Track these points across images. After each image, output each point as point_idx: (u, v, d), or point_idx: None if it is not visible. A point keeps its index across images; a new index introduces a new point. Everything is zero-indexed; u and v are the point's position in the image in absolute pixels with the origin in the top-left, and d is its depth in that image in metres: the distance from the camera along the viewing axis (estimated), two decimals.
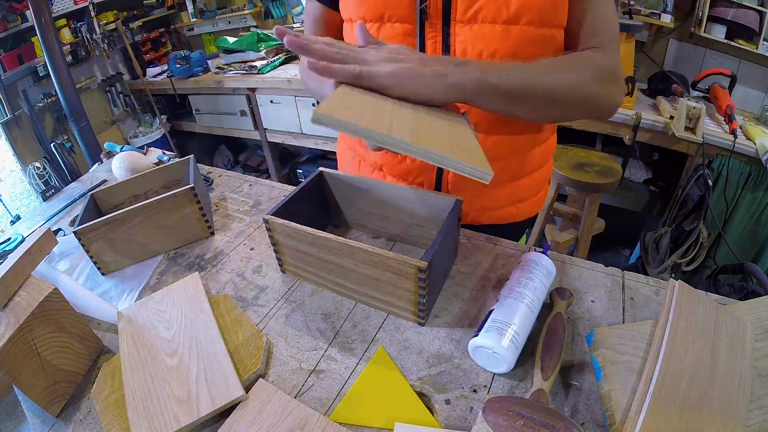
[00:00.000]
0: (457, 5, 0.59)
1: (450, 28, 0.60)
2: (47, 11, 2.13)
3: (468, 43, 0.60)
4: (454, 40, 0.60)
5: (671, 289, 0.55)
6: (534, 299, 0.54)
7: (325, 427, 0.46)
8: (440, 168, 0.72)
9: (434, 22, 0.60)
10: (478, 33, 0.59)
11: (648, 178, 1.98)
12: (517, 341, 0.49)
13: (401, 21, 0.61)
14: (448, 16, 0.59)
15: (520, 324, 0.50)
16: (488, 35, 0.59)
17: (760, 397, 0.43)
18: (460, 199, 0.62)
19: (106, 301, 0.67)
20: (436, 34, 0.61)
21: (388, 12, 0.61)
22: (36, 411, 0.53)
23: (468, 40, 0.60)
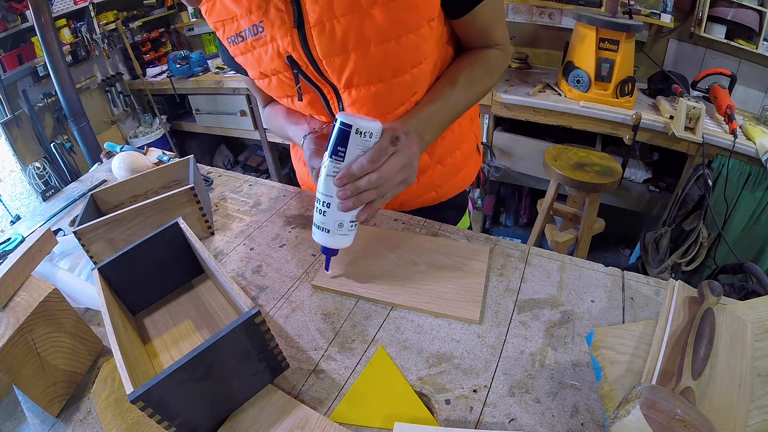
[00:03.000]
0: (329, 75, 0.63)
1: (338, 90, 0.66)
2: (47, 11, 2.13)
3: (356, 105, 0.66)
4: (345, 100, 0.66)
5: (671, 289, 0.55)
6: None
7: (325, 427, 0.46)
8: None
9: (324, 86, 0.66)
10: (358, 98, 0.64)
11: (648, 178, 1.98)
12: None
13: (297, 95, 0.68)
14: (330, 82, 0.65)
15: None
16: (366, 97, 0.64)
17: (760, 397, 0.43)
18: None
19: None
20: (332, 94, 0.67)
21: (285, 92, 0.69)
22: (36, 411, 0.53)
23: (355, 102, 0.65)
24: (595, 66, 1.68)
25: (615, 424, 0.37)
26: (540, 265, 0.66)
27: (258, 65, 0.66)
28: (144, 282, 0.64)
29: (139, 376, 0.45)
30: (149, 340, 0.60)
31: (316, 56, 0.60)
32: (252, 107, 2.52)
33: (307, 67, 0.63)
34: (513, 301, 0.61)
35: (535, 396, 0.48)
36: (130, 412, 0.50)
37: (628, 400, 0.38)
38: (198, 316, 0.63)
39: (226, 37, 0.66)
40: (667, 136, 1.63)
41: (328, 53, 0.59)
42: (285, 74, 0.65)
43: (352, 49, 0.59)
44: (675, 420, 0.35)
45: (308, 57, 0.61)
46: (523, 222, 2.48)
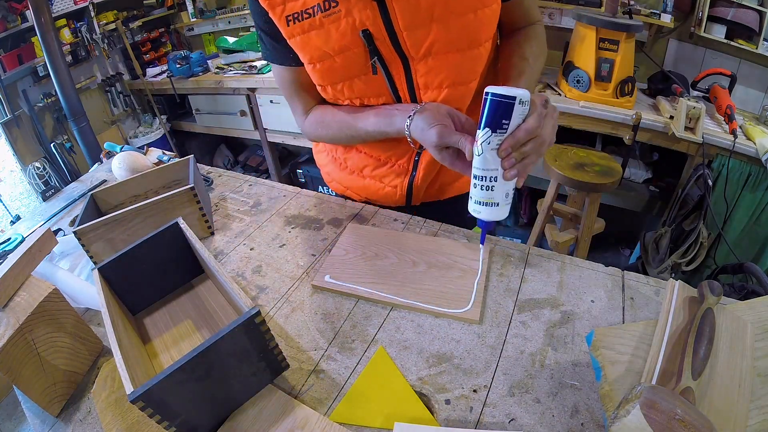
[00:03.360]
0: (408, 47, 0.63)
1: (410, 65, 0.66)
2: (47, 11, 2.13)
3: (428, 77, 0.66)
4: (415, 75, 0.66)
5: (671, 289, 0.55)
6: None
7: (325, 427, 0.46)
8: (416, 160, 0.79)
9: (394, 63, 0.65)
10: (434, 66, 0.65)
11: (648, 178, 1.98)
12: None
13: (367, 73, 0.66)
14: (404, 56, 0.64)
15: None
16: (446, 65, 0.64)
17: (760, 397, 0.43)
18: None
19: None
20: (400, 72, 0.67)
21: (351, 73, 0.66)
22: (36, 411, 0.53)
23: (428, 73, 0.66)
24: (595, 66, 1.68)
25: (615, 424, 0.37)
26: (540, 265, 0.66)
27: (324, 43, 0.63)
28: (144, 282, 0.64)
29: (139, 376, 0.45)
30: (149, 340, 0.61)
31: (397, 28, 0.61)
32: (252, 107, 2.52)
33: (384, 41, 0.62)
34: (513, 301, 0.61)
35: (535, 396, 0.48)
36: (130, 412, 0.50)
37: (628, 400, 0.38)
38: (198, 316, 0.63)
39: (285, 15, 0.62)
40: (667, 136, 1.63)
41: (411, 24, 0.60)
42: (354, 51, 0.63)
43: (435, 20, 0.60)
44: (675, 420, 0.35)
45: (388, 29, 0.61)
46: (523, 222, 2.48)
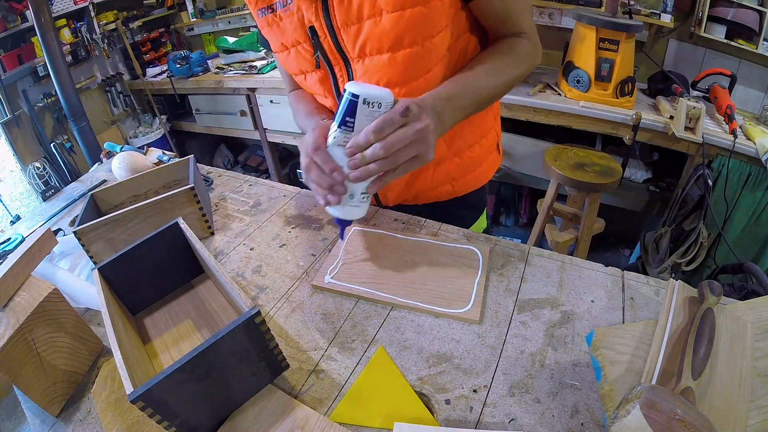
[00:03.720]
0: (345, 45, 0.66)
1: (350, 66, 0.68)
2: (47, 11, 2.13)
3: (364, 78, 0.67)
4: (355, 76, 0.68)
5: (671, 289, 0.55)
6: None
7: (324, 427, 0.46)
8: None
9: (337, 63, 0.69)
10: (370, 66, 0.66)
11: (648, 178, 1.98)
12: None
13: (314, 70, 0.71)
14: (345, 56, 0.67)
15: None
16: (378, 66, 0.65)
17: (760, 397, 0.43)
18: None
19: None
20: (343, 74, 0.69)
21: (302, 66, 0.72)
22: (36, 411, 0.53)
23: (363, 75, 0.67)
24: (595, 66, 1.68)
25: (615, 424, 0.37)
26: (540, 265, 0.66)
27: (282, 36, 0.70)
28: (144, 282, 0.64)
29: (139, 376, 0.45)
30: (149, 340, 0.61)
31: (335, 25, 0.64)
32: (252, 107, 2.52)
33: (326, 38, 0.66)
34: (513, 301, 0.61)
35: (535, 396, 0.48)
36: (130, 412, 0.50)
37: (628, 400, 0.38)
38: (198, 316, 0.63)
39: (257, 8, 0.70)
40: (667, 136, 1.63)
41: (345, 21, 0.63)
42: (304, 45, 0.68)
43: (366, 17, 0.62)
44: (675, 420, 0.35)
45: (328, 26, 0.64)
46: (523, 222, 2.48)
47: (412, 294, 0.62)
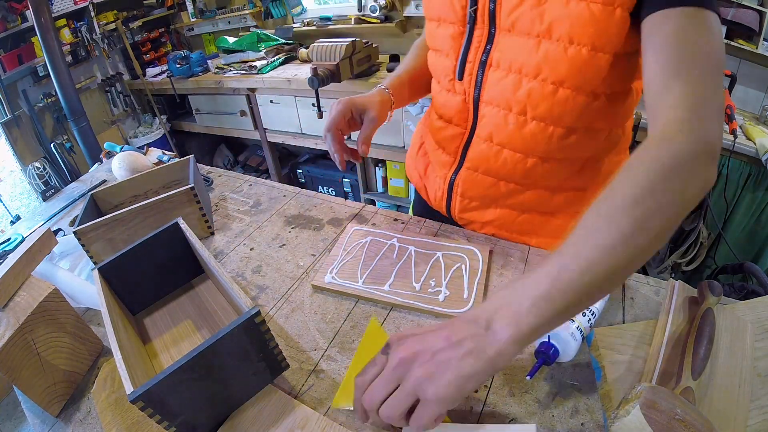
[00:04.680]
0: (501, 11, 0.58)
1: (494, 36, 0.61)
2: (47, 11, 2.13)
3: (501, 54, 0.61)
4: (494, 48, 0.61)
5: (671, 289, 0.55)
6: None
7: (324, 427, 0.46)
8: (463, 150, 0.72)
9: (481, 27, 0.62)
10: (512, 44, 0.59)
11: None
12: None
13: (453, 23, 0.64)
14: (494, 23, 0.60)
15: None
16: (518, 47, 0.58)
17: (760, 397, 0.43)
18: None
19: None
20: (482, 40, 0.62)
21: (443, 14, 0.65)
22: (36, 411, 0.53)
23: (503, 50, 0.60)
24: None
25: (615, 424, 0.37)
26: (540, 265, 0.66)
27: None
28: (144, 282, 0.64)
29: (139, 376, 0.45)
30: (149, 340, 0.61)
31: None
32: (252, 107, 2.52)
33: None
34: None
35: (535, 396, 0.48)
36: (130, 412, 0.50)
37: (628, 400, 0.38)
38: (198, 316, 0.63)
39: None
40: None
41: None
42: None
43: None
44: (675, 420, 0.35)
45: None
46: None
47: (412, 294, 0.62)
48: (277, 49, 2.52)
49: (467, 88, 0.66)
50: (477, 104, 0.66)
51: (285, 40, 2.56)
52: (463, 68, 0.65)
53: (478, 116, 0.67)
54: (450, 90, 0.69)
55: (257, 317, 0.46)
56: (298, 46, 2.53)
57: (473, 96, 0.66)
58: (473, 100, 0.66)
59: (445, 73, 0.68)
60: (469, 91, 0.66)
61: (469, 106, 0.67)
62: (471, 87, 0.65)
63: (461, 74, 0.65)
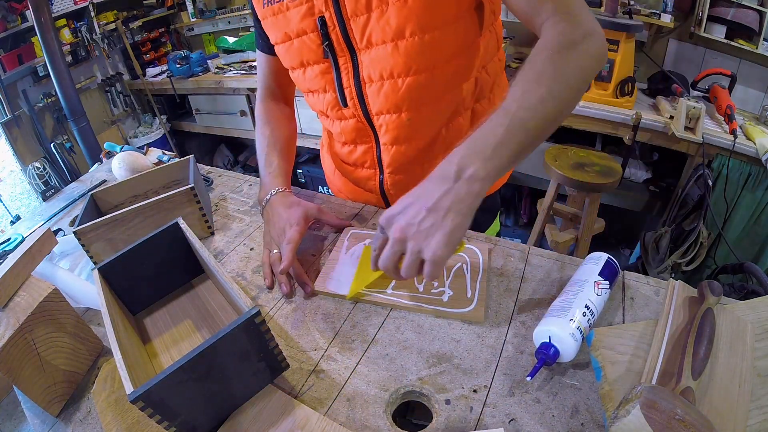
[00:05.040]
0: (354, 35, 0.65)
1: (357, 58, 0.67)
2: (47, 11, 2.14)
3: (370, 68, 0.67)
4: (361, 68, 0.68)
5: (671, 289, 0.55)
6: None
7: (325, 427, 0.46)
8: (378, 157, 0.78)
9: (342, 55, 0.68)
10: (375, 57, 0.65)
11: (648, 178, 1.98)
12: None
13: (317, 62, 0.70)
14: (352, 48, 0.67)
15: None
16: (382, 56, 0.65)
17: (760, 397, 0.43)
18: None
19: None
20: (348, 65, 0.68)
21: (304, 58, 0.71)
22: (36, 411, 0.53)
23: (370, 65, 0.66)
24: None
25: (615, 424, 0.37)
26: (540, 265, 0.66)
27: (287, 26, 0.69)
28: (144, 282, 0.64)
29: (139, 376, 0.45)
30: (149, 340, 0.61)
31: (345, 15, 0.64)
32: (252, 107, 2.52)
33: (334, 29, 0.65)
34: (513, 301, 0.61)
35: (535, 396, 0.48)
36: (130, 412, 0.50)
37: (628, 400, 0.38)
38: (198, 316, 0.63)
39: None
40: (667, 136, 1.63)
41: (354, 12, 0.63)
42: (311, 36, 0.68)
43: (374, 7, 0.62)
44: (675, 420, 0.35)
45: (338, 17, 0.64)
46: (523, 222, 2.48)
47: (415, 295, 0.62)
48: None
49: (354, 111, 0.72)
50: (369, 119, 0.72)
51: None
52: (343, 95, 0.71)
53: (376, 127, 0.73)
54: (341, 118, 0.75)
55: (257, 317, 0.46)
56: None
57: (363, 114, 0.72)
58: (365, 118, 0.72)
59: (330, 106, 0.74)
60: (358, 112, 0.72)
61: (364, 124, 0.73)
62: (357, 108, 0.71)
63: (344, 101, 0.72)
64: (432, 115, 0.71)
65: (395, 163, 0.76)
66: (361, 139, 0.77)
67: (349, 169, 0.85)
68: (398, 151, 0.75)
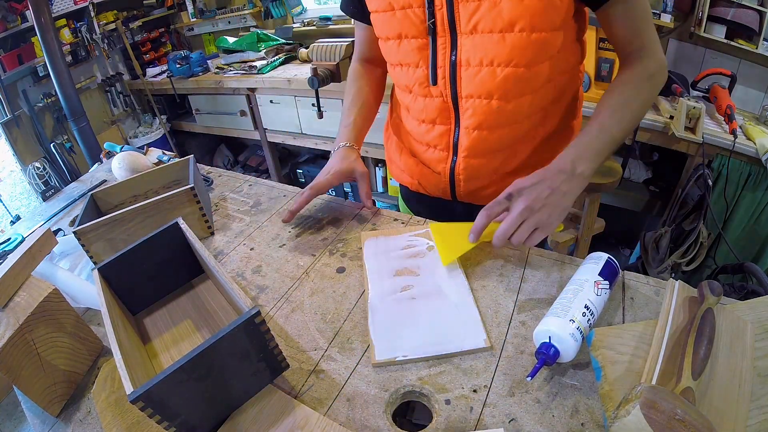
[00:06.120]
0: (459, 18, 0.66)
1: (457, 40, 0.68)
2: (47, 11, 2.13)
3: (470, 53, 0.68)
4: (459, 50, 0.68)
5: (671, 289, 0.55)
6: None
7: (325, 427, 0.46)
8: (454, 141, 0.79)
9: (443, 35, 0.69)
10: (478, 43, 0.66)
11: (648, 178, 1.97)
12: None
13: (416, 37, 0.71)
14: (454, 29, 0.67)
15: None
16: (486, 44, 0.66)
17: (760, 397, 0.43)
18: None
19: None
20: (446, 46, 0.69)
21: (404, 31, 0.71)
22: (36, 411, 0.53)
23: (470, 50, 0.68)
24: (595, 66, 1.68)
25: (615, 424, 0.37)
26: (540, 265, 0.66)
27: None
28: (144, 282, 0.64)
29: (139, 376, 0.45)
30: (149, 340, 0.61)
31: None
32: (252, 107, 2.52)
33: (442, 8, 0.66)
34: (513, 301, 0.61)
35: (535, 396, 0.48)
36: (130, 412, 0.50)
37: (628, 400, 0.38)
38: (198, 316, 0.63)
39: None
40: (667, 136, 1.63)
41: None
42: (415, 10, 0.68)
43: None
44: (675, 420, 0.35)
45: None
46: None
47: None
48: (277, 49, 2.52)
49: (443, 90, 0.73)
50: (456, 100, 0.73)
51: (285, 40, 2.57)
52: (435, 73, 0.72)
53: (460, 110, 0.74)
54: (426, 95, 0.76)
55: (257, 317, 0.46)
56: (298, 46, 2.53)
57: (450, 95, 0.73)
58: (452, 99, 0.73)
59: (418, 82, 0.75)
60: (446, 92, 0.73)
61: (449, 105, 0.74)
62: (447, 88, 0.72)
63: (435, 79, 0.72)
64: (519, 108, 0.73)
65: (473, 148, 0.77)
66: (441, 120, 0.77)
67: (421, 148, 0.85)
68: (479, 136, 0.75)
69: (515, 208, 0.61)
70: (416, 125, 0.82)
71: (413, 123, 0.83)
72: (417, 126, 0.82)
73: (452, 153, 0.80)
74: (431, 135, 0.80)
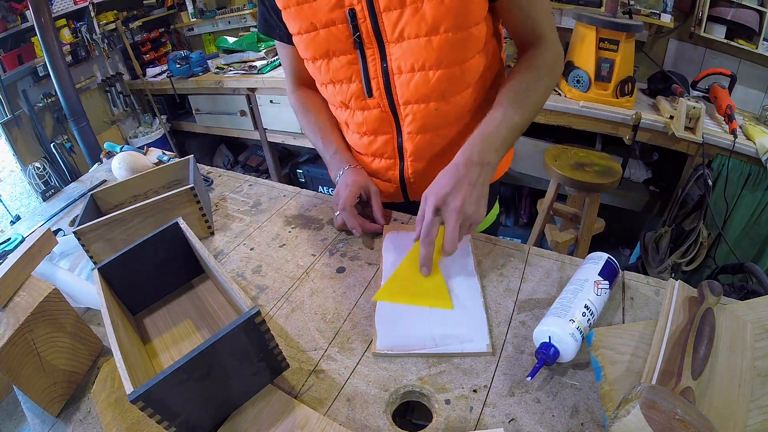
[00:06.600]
0: (385, 28, 0.67)
1: (385, 49, 0.69)
2: (47, 11, 2.13)
3: (401, 60, 0.69)
4: (389, 59, 0.70)
5: (671, 289, 0.55)
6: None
7: (325, 427, 0.46)
8: (398, 146, 0.80)
9: (370, 47, 0.69)
10: (407, 49, 0.67)
11: (648, 178, 1.97)
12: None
13: (344, 53, 0.71)
14: (381, 39, 0.68)
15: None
16: (415, 49, 0.67)
17: (760, 397, 0.43)
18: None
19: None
20: (375, 57, 0.70)
21: (331, 48, 0.71)
22: (36, 411, 0.53)
23: (400, 57, 0.68)
24: (595, 66, 1.68)
25: (615, 424, 0.37)
26: (540, 265, 0.66)
27: (313, 16, 0.69)
28: (144, 282, 0.64)
29: (139, 376, 0.45)
30: (149, 340, 0.61)
31: (377, 9, 0.65)
32: (252, 107, 2.52)
33: (365, 21, 0.66)
34: (513, 301, 0.61)
35: (535, 396, 0.48)
36: (130, 412, 0.50)
37: (628, 400, 0.38)
38: (198, 316, 0.63)
39: None
40: (667, 136, 1.63)
41: (388, 6, 0.65)
42: (339, 27, 0.68)
43: (408, 4, 0.64)
44: (675, 420, 0.35)
45: (369, 10, 0.65)
46: (523, 222, 2.48)
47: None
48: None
49: (380, 100, 0.74)
50: (394, 108, 0.74)
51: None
52: (369, 86, 0.72)
53: (400, 117, 0.75)
54: (364, 108, 0.76)
55: (257, 317, 0.46)
56: None
57: (388, 104, 0.73)
58: (389, 107, 0.74)
59: (354, 96, 0.75)
60: (383, 102, 0.74)
61: (388, 114, 0.75)
62: (383, 98, 0.73)
63: (369, 91, 0.73)
64: (458, 106, 0.74)
65: (419, 151, 0.78)
66: (382, 129, 0.78)
67: (367, 159, 0.85)
68: (423, 139, 0.77)
69: (450, 219, 0.61)
70: (358, 138, 0.82)
71: (354, 137, 0.83)
72: (359, 139, 0.82)
73: (399, 159, 0.81)
74: (375, 146, 0.81)
